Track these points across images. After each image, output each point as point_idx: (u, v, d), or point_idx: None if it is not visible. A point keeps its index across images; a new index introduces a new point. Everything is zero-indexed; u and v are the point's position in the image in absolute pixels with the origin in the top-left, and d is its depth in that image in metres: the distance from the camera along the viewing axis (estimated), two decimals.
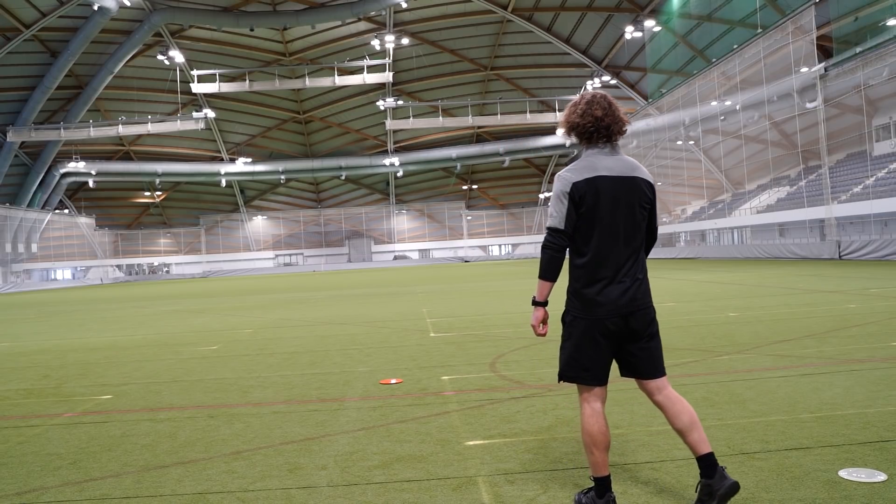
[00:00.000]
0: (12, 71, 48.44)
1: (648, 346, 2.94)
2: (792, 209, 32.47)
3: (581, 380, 2.91)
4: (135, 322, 14.20)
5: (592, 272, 2.86)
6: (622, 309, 2.85)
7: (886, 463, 3.24)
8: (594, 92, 2.98)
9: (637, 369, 2.96)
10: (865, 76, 27.58)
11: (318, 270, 67.03)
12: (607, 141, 2.90)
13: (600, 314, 2.85)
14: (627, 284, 2.87)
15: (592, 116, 2.88)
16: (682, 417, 2.85)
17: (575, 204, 2.83)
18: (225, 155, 65.78)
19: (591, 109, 2.89)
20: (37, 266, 64.35)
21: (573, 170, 2.87)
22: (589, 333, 2.87)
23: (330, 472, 3.55)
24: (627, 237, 2.86)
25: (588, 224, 2.84)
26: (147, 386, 6.39)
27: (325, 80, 51.18)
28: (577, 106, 2.93)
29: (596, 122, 2.87)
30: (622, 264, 2.86)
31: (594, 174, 2.83)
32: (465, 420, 4.46)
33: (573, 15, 49.36)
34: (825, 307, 9.90)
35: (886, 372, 5.24)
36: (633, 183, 2.87)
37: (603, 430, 2.85)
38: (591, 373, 2.89)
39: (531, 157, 67.45)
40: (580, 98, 2.97)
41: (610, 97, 2.95)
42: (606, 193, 2.82)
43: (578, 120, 2.91)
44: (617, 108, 2.94)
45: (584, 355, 2.89)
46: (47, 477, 3.71)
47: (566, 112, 2.99)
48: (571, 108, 2.97)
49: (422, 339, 8.83)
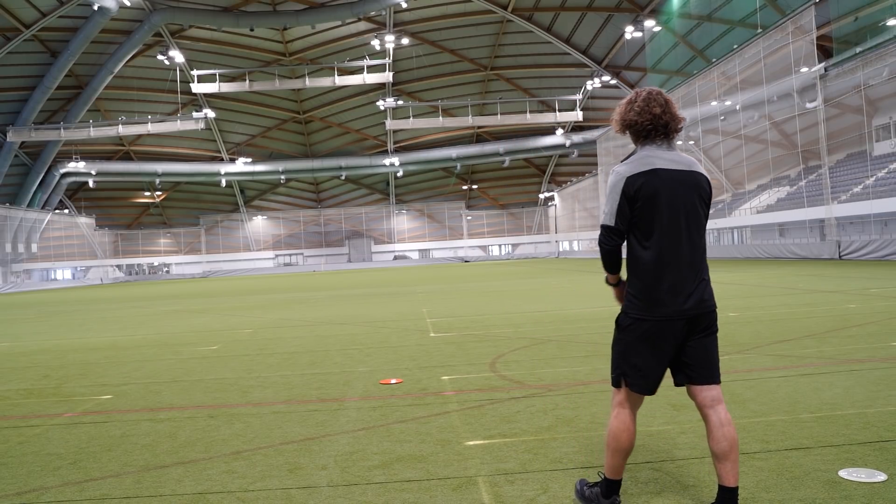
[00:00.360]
0: (12, 71, 48.45)
1: (705, 342, 2.78)
2: (792, 209, 32.47)
3: (636, 386, 2.79)
4: (135, 322, 14.20)
5: (657, 270, 2.73)
6: (689, 311, 2.72)
7: (886, 463, 3.24)
8: (650, 89, 2.90)
9: (691, 371, 2.79)
10: (865, 76, 27.57)
11: (318, 270, 67.03)
12: (665, 138, 2.82)
13: (666, 315, 2.71)
14: (695, 284, 2.74)
15: (651, 114, 2.80)
16: (723, 444, 2.70)
17: (629, 199, 2.73)
18: (225, 155, 65.79)
19: (649, 107, 2.80)
20: (37, 266, 64.35)
21: (628, 164, 2.79)
22: (650, 336, 2.73)
23: (330, 472, 3.55)
24: (691, 233, 2.75)
25: (648, 219, 2.73)
26: (147, 386, 6.39)
27: (325, 80, 51.17)
28: (634, 103, 2.85)
29: (654, 119, 2.80)
30: (687, 262, 2.74)
31: (651, 167, 2.74)
32: (465, 420, 4.46)
33: (573, 15, 49.37)
34: (825, 307, 9.90)
35: (886, 372, 5.24)
36: (693, 177, 2.79)
37: (632, 440, 2.81)
38: (648, 381, 2.78)
39: (531, 157, 67.45)
40: (636, 95, 2.88)
41: (666, 94, 2.89)
42: (667, 188, 2.72)
43: (636, 118, 2.82)
44: (673, 105, 2.87)
45: (642, 360, 2.76)
46: (47, 477, 3.71)
47: (621, 109, 2.90)
48: (627, 105, 2.88)
49: (422, 339, 8.83)
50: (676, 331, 2.72)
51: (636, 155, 2.83)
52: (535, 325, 9.75)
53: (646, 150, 2.82)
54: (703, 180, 2.82)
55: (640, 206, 2.73)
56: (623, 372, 2.81)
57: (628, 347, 2.79)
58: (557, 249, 72.37)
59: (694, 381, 2.79)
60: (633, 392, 2.81)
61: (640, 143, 2.86)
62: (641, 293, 2.75)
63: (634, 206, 2.74)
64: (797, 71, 30.37)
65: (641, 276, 2.76)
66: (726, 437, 2.70)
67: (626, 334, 2.80)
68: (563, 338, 8.14)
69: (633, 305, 2.77)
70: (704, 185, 2.82)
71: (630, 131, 2.88)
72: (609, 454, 2.83)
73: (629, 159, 2.82)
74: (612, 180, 2.78)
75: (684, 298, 2.71)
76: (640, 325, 2.74)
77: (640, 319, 2.75)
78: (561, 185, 70.59)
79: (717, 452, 2.71)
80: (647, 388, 2.79)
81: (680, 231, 2.73)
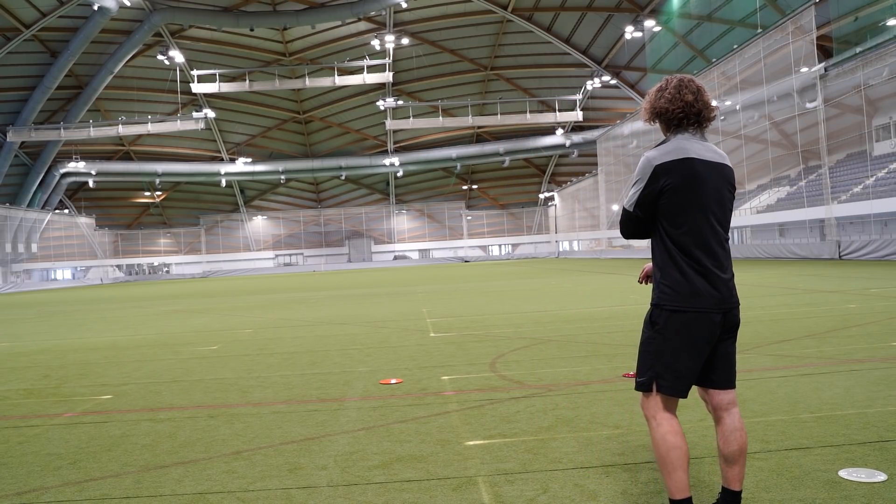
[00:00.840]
0: (12, 71, 48.45)
1: (730, 344, 2.70)
2: (792, 209, 32.46)
3: (670, 388, 2.60)
4: (135, 322, 14.20)
5: (692, 259, 2.61)
6: (724, 303, 2.61)
7: (886, 463, 3.24)
8: (681, 76, 2.76)
9: (712, 375, 2.69)
10: (865, 76, 27.57)
11: (318, 270, 67.03)
12: (698, 127, 2.72)
13: (704, 306, 2.57)
14: (728, 275, 2.65)
15: (683, 101, 2.67)
16: (735, 447, 2.64)
17: (655, 186, 2.63)
18: (225, 155, 65.79)
19: (681, 94, 2.68)
20: (37, 266, 64.34)
21: (660, 150, 2.68)
22: (688, 331, 2.57)
23: (330, 472, 3.55)
24: (721, 224, 2.67)
25: (680, 208, 2.61)
26: (147, 386, 6.39)
27: (325, 80, 51.18)
28: (665, 90, 2.72)
29: (687, 107, 2.68)
30: (719, 252, 2.64)
31: (684, 156, 2.63)
32: (465, 420, 4.46)
33: (573, 15, 49.37)
34: (825, 307, 9.90)
35: (886, 372, 5.24)
36: (725, 170, 2.72)
37: (686, 445, 2.57)
38: (684, 381, 2.61)
39: (531, 157, 67.45)
40: (666, 82, 2.75)
41: (698, 81, 2.77)
42: (701, 177, 2.62)
43: (667, 105, 2.69)
44: (706, 92, 2.74)
45: (679, 359, 2.58)
46: (47, 477, 3.71)
47: (651, 97, 2.77)
48: (657, 92, 2.75)
49: (422, 339, 8.83)
50: (714, 325, 2.59)
51: (669, 142, 2.71)
52: (535, 325, 9.75)
53: (679, 139, 2.70)
54: (732, 174, 2.76)
55: (671, 194, 2.62)
56: (657, 373, 2.60)
57: (664, 344, 2.59)
58: (557, 249, 72.36)
59: (715, 384, 2.70)
60: (666, 395, 2.61)
61: (672, 133, 2.74)
62: (679, 284, 2.60)
63: (662, 193, 2.63)
64: (797, 71, 30.37)
65: (676, 264, 2.62)
66: (738, 441, 2.64)
67: (661, 331, 2.61)
68: (563, 338, 8.14)
69: (669, 297, 2.61)
70: (732, 180, 2.76)
71: (660, 120, 2.76)
72: (666, 472, 2.55)
73: (661, 146, 2.71)
74: (642, 164, 2.67)
75: (719, 290, 2.61)
76: (678, 318, 2.58)
77: (677, 311, 2.58)
78: (561, 185, 70.59)
79: (728, 455, 2.64)
80: (683, 389, 2.61)
81: (712, 222, 2.64)
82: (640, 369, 2.68)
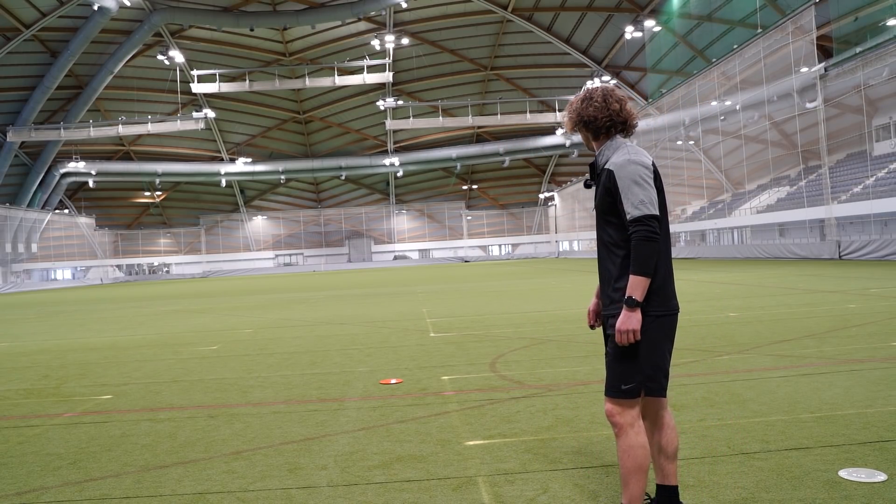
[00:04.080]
0: (12, 71, 48.46)
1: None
2: (792, 209, 32.47)
3: (663, 390, 2.64)
4: (135, 322, 14.20)
5: (666, 262, 2.66)
6: (677, 305, 2.70)
7: (886, 463, 3.23)
8: (605, 86, 2.82)
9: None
10: (865, 76, 27.58)
11: (318, 270, 67.03)
12: (625, 135, 2.77)
13: (675, 307, 2.66)
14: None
15: (610, 110, 2.72)
16: (675, 443, 2.74)
17: (655, 186, 2.64)
18: (225, 155, 65.79)
19: (608, 103, 2.72)
20: (37, 266, 64.35)
21: (642, 152, 2.66)
22: (666, 332, 2.62)
23: (330, 472, 3.55)
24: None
25: (661, 210, 2.64)
26: (147, 386, 6.39)
27: (325, 80, 51.20)
28: (593, 100, 2.74)
29: (615, 115, 2.72)
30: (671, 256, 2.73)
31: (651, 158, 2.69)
32: (465, 420, 4.46)
33: (573, 15, 49.38)
34: (825, 307, 9.89)
35: (886, 372, 5.24)
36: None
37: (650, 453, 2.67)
38: (667, 380, 2.66)
39: (531, 157, 67.46)
40: (592, 92, 2.77)
41: (620, 92, 2.82)
42: (660, 179, 2.69)
43: (596, 113, 2.72)
44: (628, 101, 2.80)
45: (666, 360, 2.65)
46: (47, 477, 3.71)
47: (577, 106, 2.77)
48: (584, 101, 2.76)
49: (422, 339, 8.83)
50: (675, 325, 2.67)
51: (627, 145, 2.71)
52: (535, 325, 9.74)
53: (622, 142, 2.73)
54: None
55: (659, 195, 2.65)
56: (648, 376, 2.60)
57: (652, 348, 2.60)
58: (557, 249, 72.37)
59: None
60: (650, 397, 2.66)
61: (602, 140, 2.76)
62: (660, 288, 2.62)
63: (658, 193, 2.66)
64: (797, 71, 30.38)
65: (659, 269, 2.61)
66: (676, 437, 2.75)
67: (648, 335, 2.59)
68: (563, 338, 8.14)
69: (654, 302, 2.60)
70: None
71: (587, 128, 2.76)
72: (638, 479, 2.57)
73: (627, 147, 2.68)
74: (640, 171, 2.59)
75: (674, 292, 2.71)
76: (663, 323, 2.61)
77: (661, 316, 2.61)
78: (561, 185, 70.59)
79: (672, 453, 2.72)
80: (665, 387, 2.66)
81: (668, 223, 2.72)
82: (623, 377, 2.60)
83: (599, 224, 2.74)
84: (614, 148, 2.72)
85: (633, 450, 2.56)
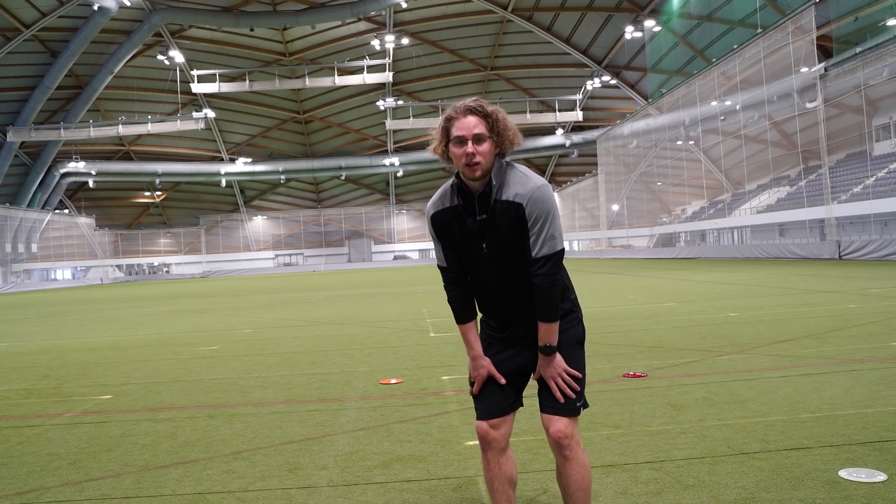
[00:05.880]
0: (12, 71, 48.49)
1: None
2: (792, 209, 32.47)
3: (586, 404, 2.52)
4: (135, 322, 14.20)
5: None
6: None
7: (886, 463, 3.23)
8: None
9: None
10: (865, 76, 27.59)
11: (318, 270, 67.04)
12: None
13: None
14: None
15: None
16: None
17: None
18: (225, 155, 65.81)
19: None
20: (37, 266, 64.36)
21: (543, 180, 2.36)
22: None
23: (330, 472, 3.55)
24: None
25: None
26: (147, 386, 6.39)
27: (325, 80, 51.23)
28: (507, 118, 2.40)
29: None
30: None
31: None
32: (465, 420, 4.46)
33: (573, 15, 49.40)
34: (825, 307, 9.89)
35: (886, 372, 5.24)
36: None
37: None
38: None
39: (531, 157, 67.46)
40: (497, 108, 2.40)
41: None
42: None
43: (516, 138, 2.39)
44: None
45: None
46: (47, 477, 3.71)
47: (510, 120, 2.38)
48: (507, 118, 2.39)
49: (422, 339, 8.83)
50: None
51: (529, 171, 2.39)
52: None
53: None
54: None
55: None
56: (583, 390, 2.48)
57: (584, 362, 2.51)
58: None
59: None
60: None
61: (504, 162, 2.38)
62: (577, 301, 2.56)
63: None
64: (797, 71, 30.39)
65: (570, 281, 2.55)
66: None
67: (583, 349, 2.51)
68: None
69: (579, 317, 2.53)
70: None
71: (515, 147, 2.39)
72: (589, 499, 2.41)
73: (534, 175, 2.35)
74: (551, 198, 2.32)
75: None
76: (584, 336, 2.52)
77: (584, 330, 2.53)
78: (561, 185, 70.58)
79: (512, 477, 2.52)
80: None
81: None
82: (580, 393, 2.42)
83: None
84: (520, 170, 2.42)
85: (586, 469, 2.39)
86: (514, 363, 2.52)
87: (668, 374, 5.57)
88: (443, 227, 2.45)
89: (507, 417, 2.52)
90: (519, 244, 2.33)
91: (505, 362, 2.51)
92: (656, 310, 10.90)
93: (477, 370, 2.54)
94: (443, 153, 2.39)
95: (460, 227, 2.39)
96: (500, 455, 2.49)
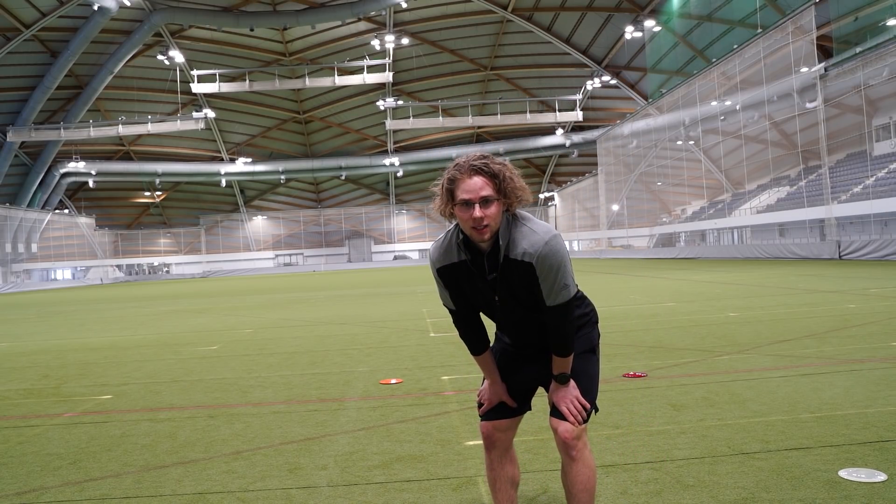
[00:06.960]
0: (12, 71, 48.49)
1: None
2: (792, 209, 32.47)
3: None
4: (135, 322, 14.20)
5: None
6: None
7: (886, 463, 3.23)
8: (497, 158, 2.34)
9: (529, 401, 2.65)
10: (865, 76, 27.59)
11: (318, 270, 67.04)
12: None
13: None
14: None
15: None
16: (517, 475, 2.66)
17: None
18: (225, 155, 65.81)
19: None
20: (37, 266, 64.36)
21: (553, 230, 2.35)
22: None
23: (330, 472, 3.55)
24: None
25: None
26: (147, 386, 6.39)
27: (325, 80, 51.23)
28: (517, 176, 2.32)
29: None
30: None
31: None
32: (465, 420, 4.46)
33: (573, 15, 49.41)
34: (825, 307, 9.89)
35: (886, 372, 5.24)
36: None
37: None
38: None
39: (531, 157, 67.49)
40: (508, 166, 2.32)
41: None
42: None
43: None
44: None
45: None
46: (47, 477, 3.71)
47: (519, 180, 2.28)
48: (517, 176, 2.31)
49: (422, 339, 8.83)
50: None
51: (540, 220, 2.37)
52: None
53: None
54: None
55: None
56: (595, 396, 2.49)
57: (598, 369, 2.52)
58: None
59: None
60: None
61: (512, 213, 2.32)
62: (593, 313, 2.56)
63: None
64: (797, 71, 30.39)
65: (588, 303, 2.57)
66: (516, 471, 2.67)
67: (596, 354, 2.53)
68: None
69: (593, 312, 2.55)
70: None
71: (516, 204, 2.29)
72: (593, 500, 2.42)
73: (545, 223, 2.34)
74: (563, 247, 2.30)
75: None
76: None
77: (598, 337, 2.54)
78: (561, 185, 70.62)
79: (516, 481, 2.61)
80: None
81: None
82: (591, 398, 2.45)
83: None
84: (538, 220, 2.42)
85: (593, 472, 2.40)
86: (528, 378, 2.60)
87: (668, 374, 5.58)
88: (451, 279, 2.42)
89: (513, 420, 2.58)
90: (531, 295, 2.34)
91: (519, 379, 2.61)
92: (656, 310, 10.90)
93: (490, 396, 2.59)
94: (449, 215, 2.30)
95: (470, 281, 2.38)
96: (503, 455, 2.54)
